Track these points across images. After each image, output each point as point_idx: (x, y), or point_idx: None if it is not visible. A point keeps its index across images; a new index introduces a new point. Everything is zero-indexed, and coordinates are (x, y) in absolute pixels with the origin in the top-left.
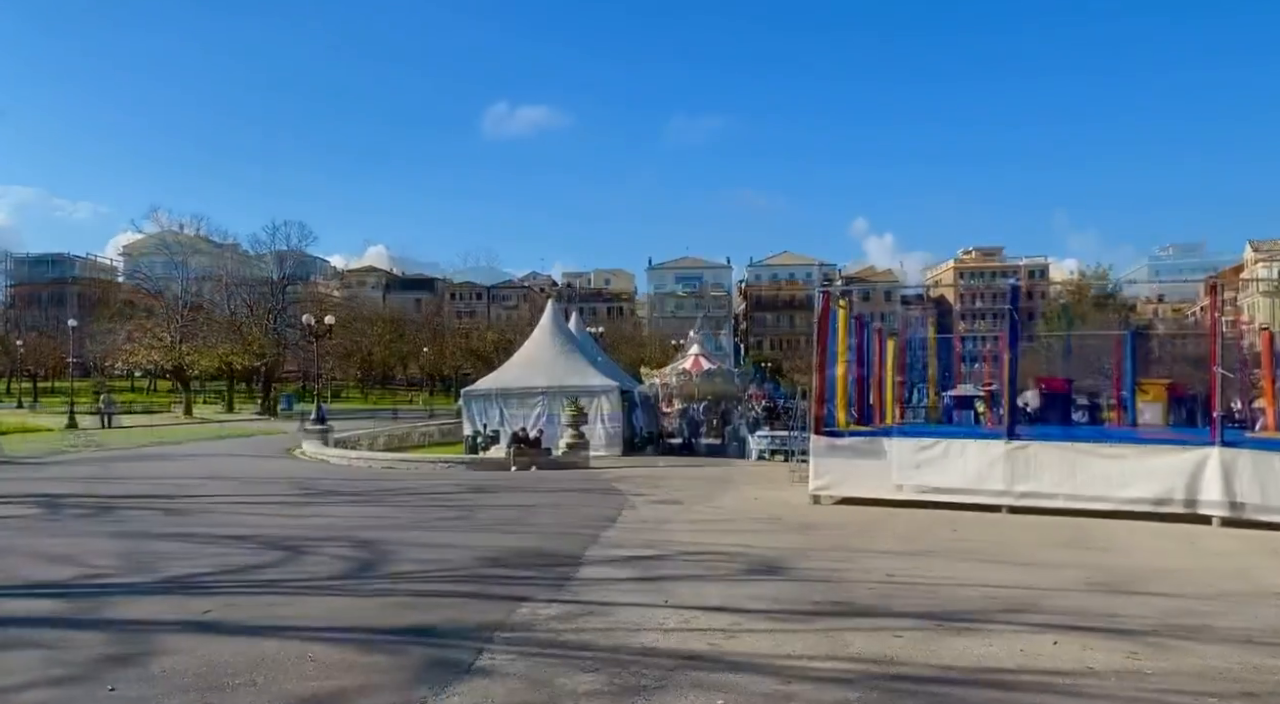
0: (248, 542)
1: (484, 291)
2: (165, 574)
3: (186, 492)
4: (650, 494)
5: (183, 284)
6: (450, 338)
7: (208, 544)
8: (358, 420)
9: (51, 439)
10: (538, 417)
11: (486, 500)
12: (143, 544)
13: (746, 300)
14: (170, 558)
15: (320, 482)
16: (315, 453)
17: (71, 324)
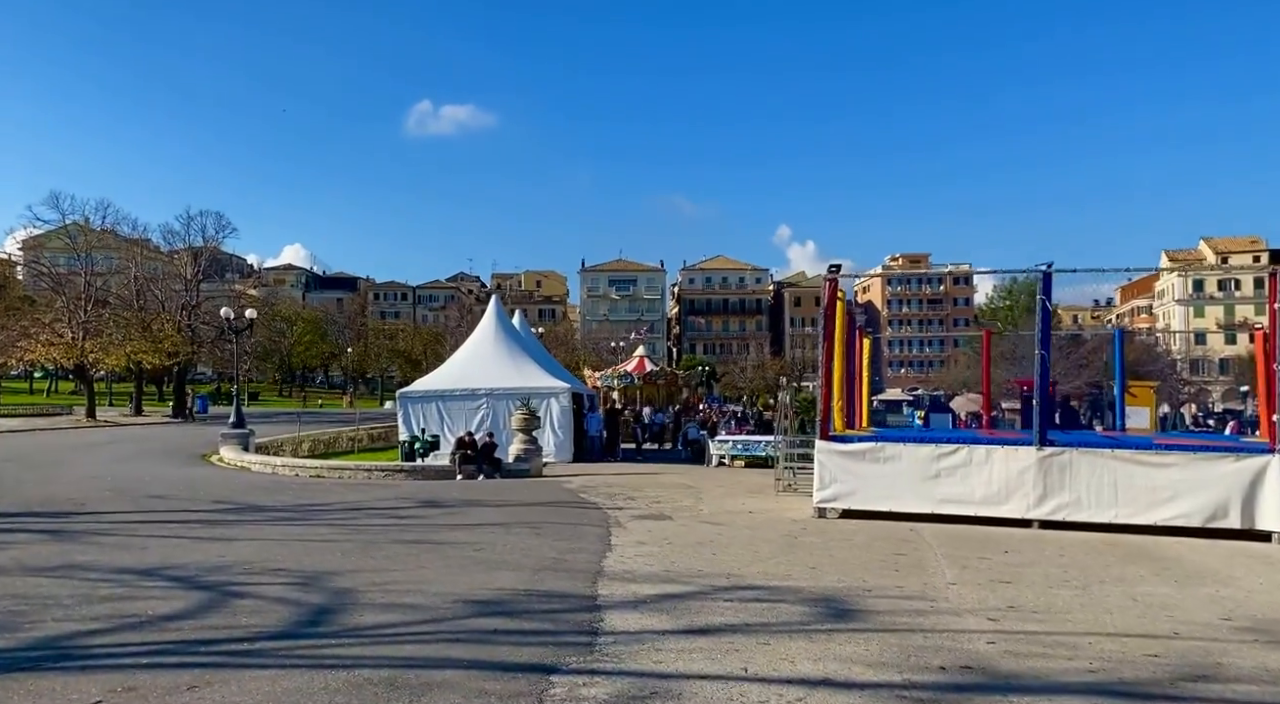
0: (156, 577)
1: (409, 292)
2: (38, 633)
3: (81, 506)
4: (629, 507)
5: (86, 278)
6: (374, 339)
7: (102, 581)
8: (279, 424)
9: None
10: (481, 420)
11: (445, 518)
12: (14, 584)
13: (680, 304)
14: (49, 605)
15: (242, 494)
16: (234, 459)
17: None
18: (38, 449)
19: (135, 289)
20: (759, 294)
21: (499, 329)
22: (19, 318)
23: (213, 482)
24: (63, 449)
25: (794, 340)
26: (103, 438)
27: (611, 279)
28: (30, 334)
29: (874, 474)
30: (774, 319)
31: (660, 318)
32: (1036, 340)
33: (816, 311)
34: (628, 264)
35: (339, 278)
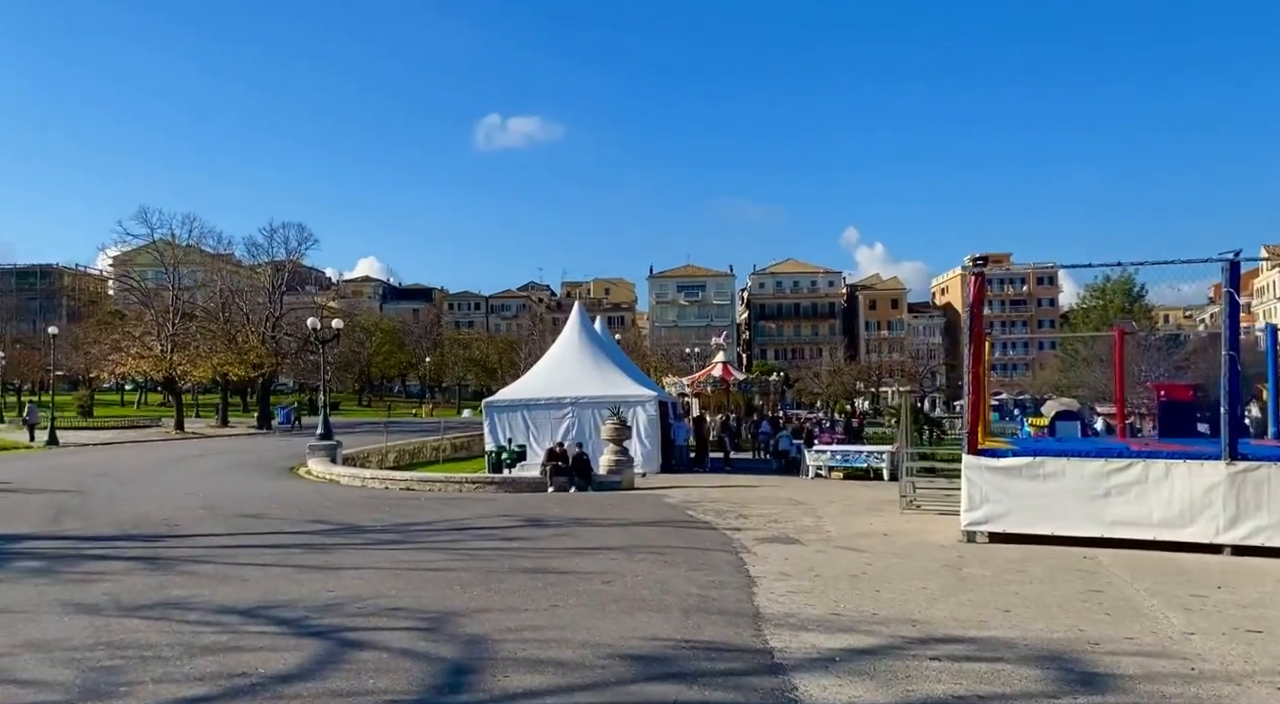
0: (261, 619)
1: (482, 301)
2: (136, 701)
3: (171, 529)
4: (747, 528)
5: (174, 291)
6: (450, 348)
7: (203, 626)
8: (360, 434)
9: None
10: (567, 430)
11: (556, 540)
12: (110, 627)
13: (749, 309)
14: (147, 658)
15: (338, 512)
16: (323, 472)
17: (52, 332)
18: (130, 463)
19: (221, 302)
20: (832, 297)
21: (583, 336)
22: (110, 332)
23: (305, 497)
24: (153, 463)
25: (869, 344)
26: (192, 450)
27: (680, 285)
28: (121, 347)
29: (1032, 493)
30: (848, 323)
31: (729, 323)
32: (1224, 340)
33: (893, 314)
34: (696, 269)
35: (414, 289)
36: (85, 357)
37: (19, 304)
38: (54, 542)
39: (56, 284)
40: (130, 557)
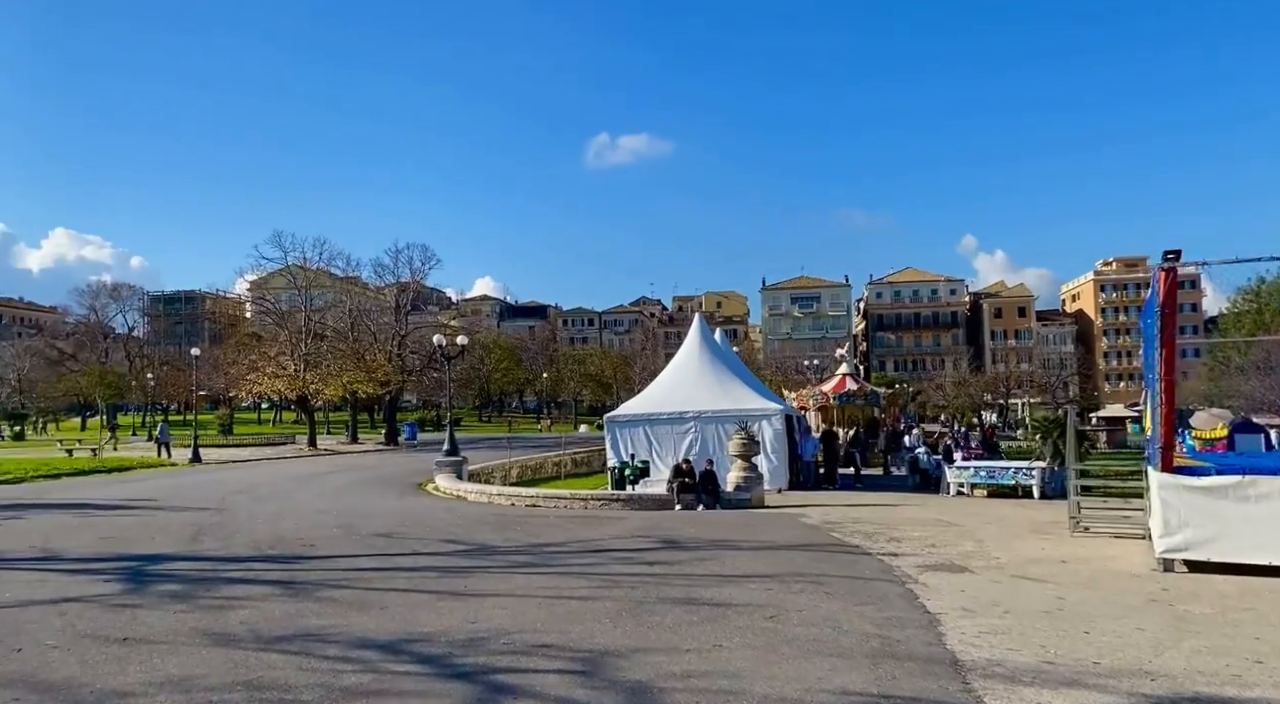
0: (404, 654)
1: (595, 317)
2: None
3: (308, 549)
4: (904, 553)
5: (306, 312)
6: (565, 364)
7: (343, 663)
8: (482, 450)
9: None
10: (690, 445)
11: (700, 565)
12: (248, 662)
13: (867, 320)
14: (288, 702)
15: (469, 530)
16: (450, 488)
17: (195, 354)
18: (266, 479)
19: (350, 322)
20: (954, 306)
21: (704, 348)
22: (247, 352)
23: (435, 515)
24: (288, 479)
25: (995, 355)
26: (324, 467)
27: (794, 296)
28: (257, 367)
29: (1243, 517)
30: (971, 332)
31: (846, 334)
32: None
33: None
34: (810, 280)
35: (530, 306)
36: (225, 377)
37: (166, 328)
38: (193, 562)
39: (199, 309)
40: (268, 580)
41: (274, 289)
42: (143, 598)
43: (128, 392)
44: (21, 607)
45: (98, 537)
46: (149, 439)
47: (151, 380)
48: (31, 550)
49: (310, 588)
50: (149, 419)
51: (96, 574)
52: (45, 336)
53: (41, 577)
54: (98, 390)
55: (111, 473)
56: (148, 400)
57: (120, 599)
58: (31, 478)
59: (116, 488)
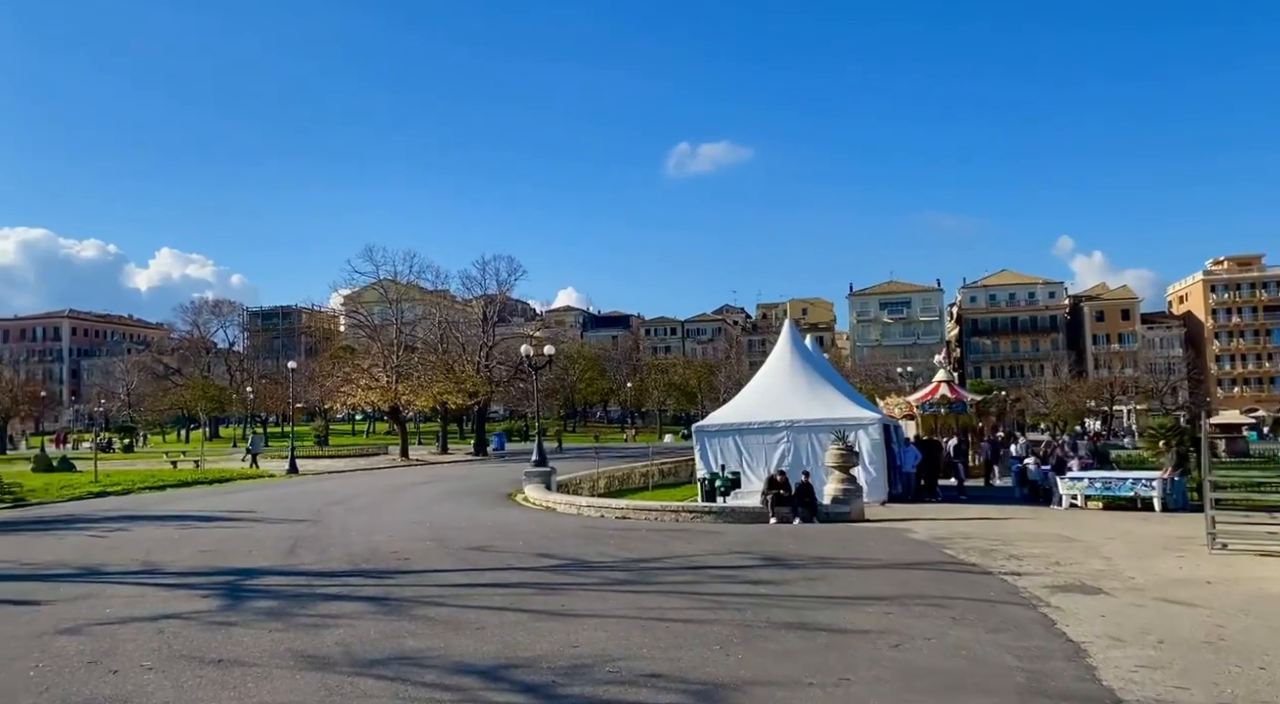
0: (504, 682)
1: (678, 326)
2: None
3: (402, 563)
4: (1027, 572)
5: (398, 325)
6: (649, 373)
7: (441, 690)
8: (568, 460)
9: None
10: (782, 456)
11: (807, 586)
12: (342, 688)
13: (960, 325)
14: None
15: (562, 544)
16: (539, 499)
17: (291, 366)
18: (360, 490)
19: (439, 334)
20: (1053, 310)
21: (796, 355)
22: (341, 365)
23: (526, 527)
24: (382, 491)
25: (1098, 359)
26: (416, 478)
27: (883, 302)
28: (351, 380)
29: None
30: (1072, 337)
31: (938, 340)
32: None
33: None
34: (899, 285)
35: (612, 316)
36: (320, 389)
37: (265, 342)
38: (289, 577)
39: (295, 323)
40: (362, 596)
41: (366, 303)
42: (238, 615)
43: (229, 404)
44: (122, 623)
45: (197, 549)
46: None
47: (251, 393)
48: (134, 563)
49: (405, 605)
50: (248, 431)
51: (194, 589)
52: (152, 352)
53: (141, 592)
54: (200, 403)
55: (212, 484)
56: (248, 413)
57: (216, 616)
58: (139, 489)
59: (217, 499)
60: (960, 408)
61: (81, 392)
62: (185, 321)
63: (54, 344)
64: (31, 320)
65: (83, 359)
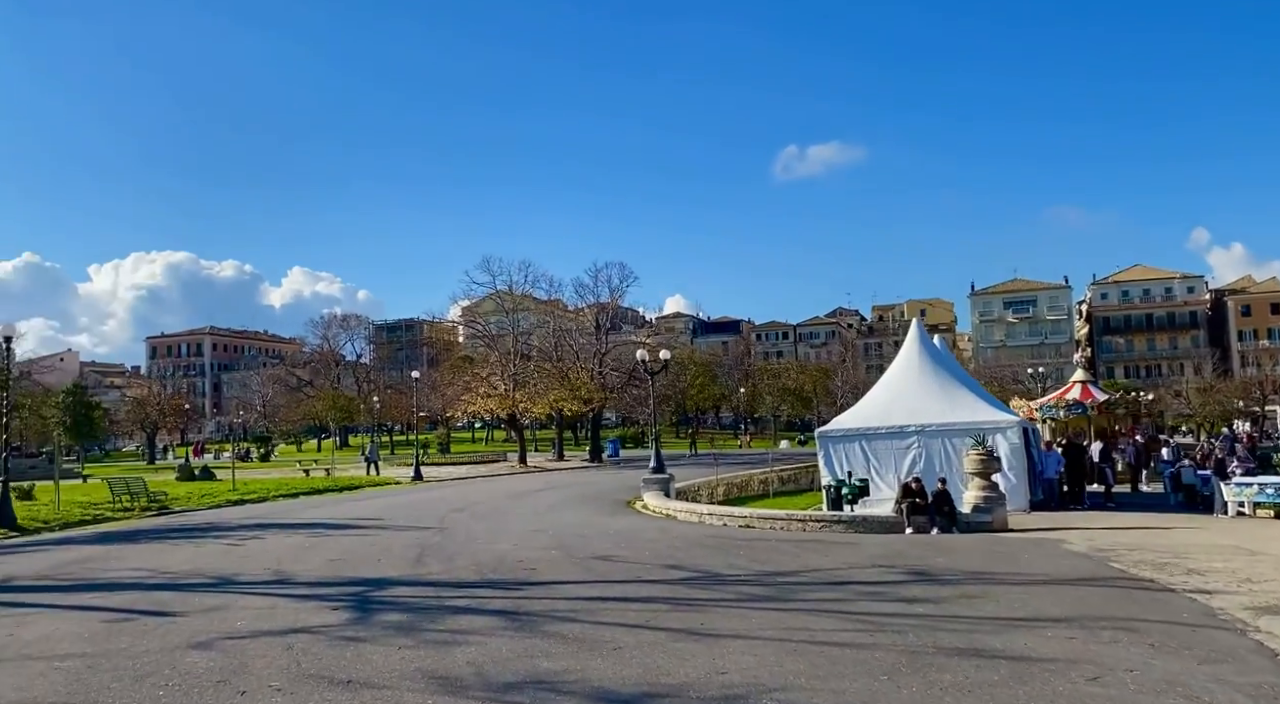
0: None
1: (790, 330)
2: None
3: (529, 573)
4: (1216, 590)
5: (514, 334)
6: (761, 378)
7: None
8: (683, 466)
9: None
10: (912, 462)
11: (965, 604)
12: None
13: (1090, 323)
14: None
15: (689, 554)
16: (658, 507)
17: (415, 376)
18: (482, 497)
19: (554, 342)
20: (1192, 305)
21: (924, 356)
22: (461, 375)
23: (648, 535)
24: (502, 497)
25: (1245, 357)
26: (535, 484)
27: (1006, 301)
28: (471, 388)
29: None
30: (1214, 333)
31: (1067, 340)
32: None
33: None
34: (1024, 283)
35: (722, 322)
36: (442, 398)
37: (389, 354)
38: (417, 588)
39: (418, 335)
40: (492, 610)
41: (483, 313)
42: (367, 630)
43: (357, 414)
44: (252, 638)
45: (326, 558)
46: None
47: (377, 403)
48: (266, 573)
49: (536, 620)
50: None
51: (324, 600)
52: (286, 365)
53: (272, 603)
54: (330, 413)
55: (342, 491)
56: (374, 422)
57: (345, 631)
58: (273, 497)
59: (346, 507)
60: (1081, 410)
61: (222, 404)
62: (316, 336)
63: (197, 359)
64: (177, 337)
65: (223, 373)
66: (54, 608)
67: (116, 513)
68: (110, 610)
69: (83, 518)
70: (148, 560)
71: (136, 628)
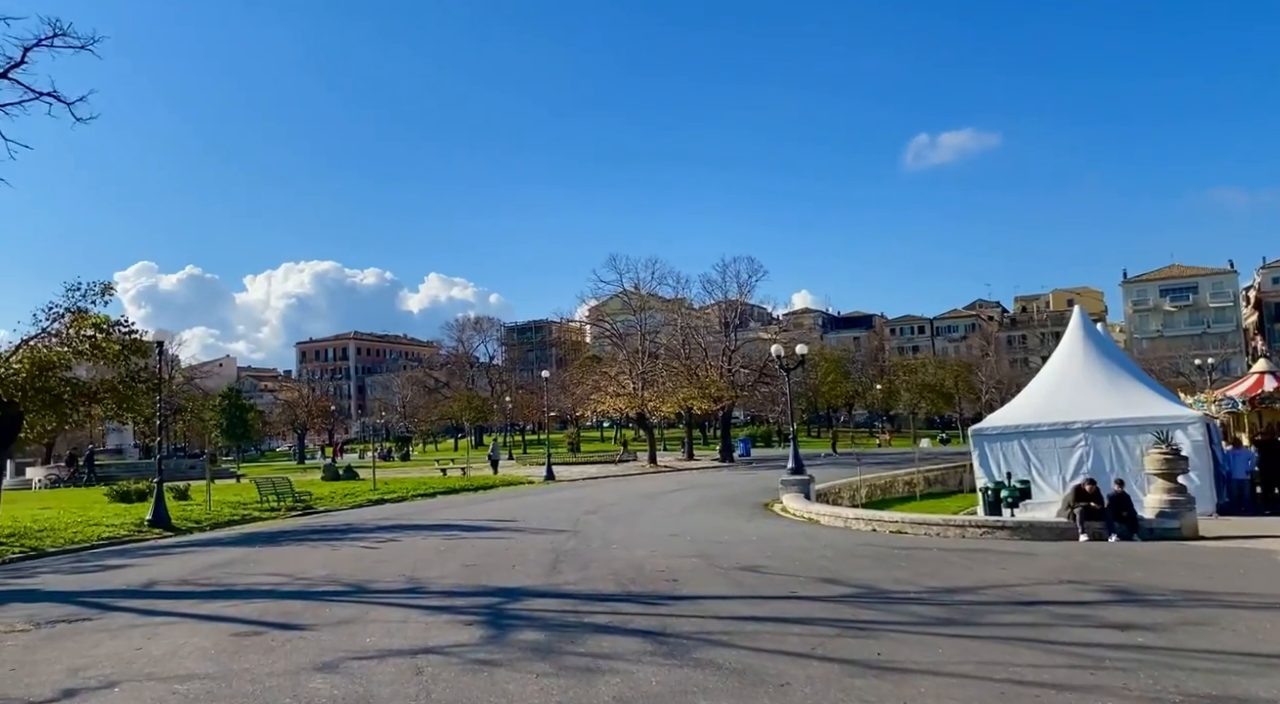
0: None
1: (926, 324)
2: None
3: (671, 586)
4: None
5: (641, 333)
6: (898, 374)
7: None
8: (820, 466)
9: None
10: (1079, 461)
11: (1188, 632)
12: None
13: (1260, 310)
14: None
15: (844, 566)
16: (799, 510)
17: (545, 376)
18: (614, 498)
19: (681, 339)
20: None
21: (1089, 345)
22: (589, 374)
23: (794, 542)
24: (635, 498)
25: None
26: (667, 485)
27: (1163, 288)
28: (600, 387)
29: None
30: None
31: (1233, 328)
32: None
33: None
34: (1183, 269)
35: (853, 317)
36: (571, 397)
37: (520, 355)
38: (554, 600)
39: (546, 336)
40: (636, 629)
41: (610, 313)
42: (502, 651)
43: (490, 414)
44: (379, 659)
45: (461, 564)
46: (509, 458)
47: (509, 403)
48: (400, 580)
49: (685, 644)
50: (509, 439)
51: (456, 613)
52: (424, 367)
53: (404, 616)
54: (465, 413)
55: (477, 491)
56: (507, 421)
57: (479, 652)
58: (411, 497)
59: (480, 507)
60: (1231, 405)
61: (366, 405)
62: (451, 338)
63: (343, 363)
64: (324, 342)
65: (367, 376)
66: (187, 618)
67: (263, 513)
68: (240, 621)
69: (231, 518)
70: (284, 564)
71: (263, 644)
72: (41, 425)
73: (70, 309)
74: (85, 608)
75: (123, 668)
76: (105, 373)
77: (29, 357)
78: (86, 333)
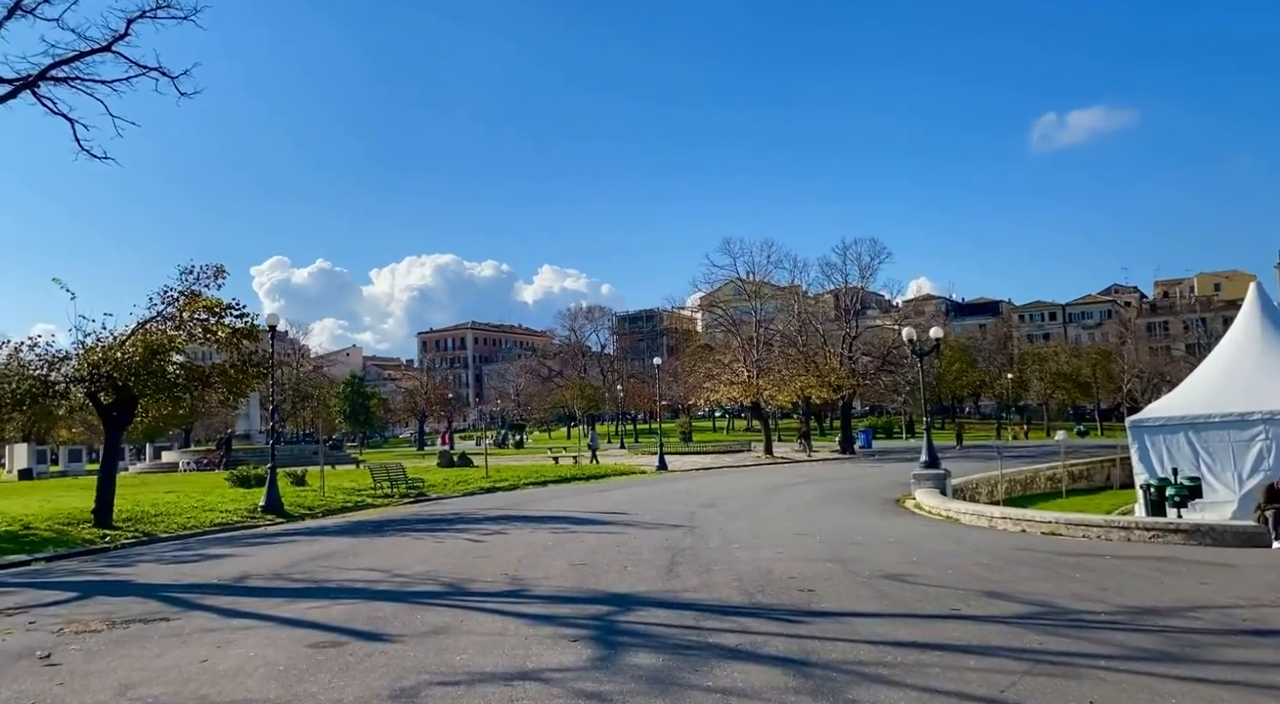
0: None
1: (1058, 310)
2: None
3: (806, 597)
4: None
5: (755, 319)
6: (1029, 363)
7: None
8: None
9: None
10: (1258, 456)
11: None
12: None
13: None
14: None
15: (1005, 576)
16: (936, 507)
17: (656, 363)
18: (730, 491)
19: (798, 326)
20: None
21: (1268, 327)
22: (702, 362)
23: (938, 545)
24: (753, 491)
25: None
26: (787, 478)
27: None
28: (713, 376)
29: None
30: None
31: None
32: None
33: None
34: None
35: (978, 303)
36: (684, 386)
37: (631, 344)
38: (671, 611)
39: (657, 325)
40: (772, 655)
41: (723, 300)
42: (611, 679)
43: (601, 403)
44: (468, 685)
45: (568, 562)
46: (620, 446)
47: (621, 391)
48: (502, 580)
49: (836, 680)
50: (620, 428)
51: (560, 624)
52: (538, 356)
53: (502, 626)
54: (577, 402)
55: (589, 480)
56: (618, 410)
57: (584, 679)
58: (523, 485)
59: (591, 498)
60: None
61: (483, 393)
62: (564, 328)
63: (461, 352)
64: (443, 332)
65: (484, 364)
66: (267, 621)
67: (376, 499)
68: (323, 628)
69: (345, 504)
70: (384, 558)
71: (339, 660)
72: (156, 410)
73: (183, 292)
74: (167, 605)
75: (177, 687)
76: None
77: (141, 341)
78: (199, 316)
